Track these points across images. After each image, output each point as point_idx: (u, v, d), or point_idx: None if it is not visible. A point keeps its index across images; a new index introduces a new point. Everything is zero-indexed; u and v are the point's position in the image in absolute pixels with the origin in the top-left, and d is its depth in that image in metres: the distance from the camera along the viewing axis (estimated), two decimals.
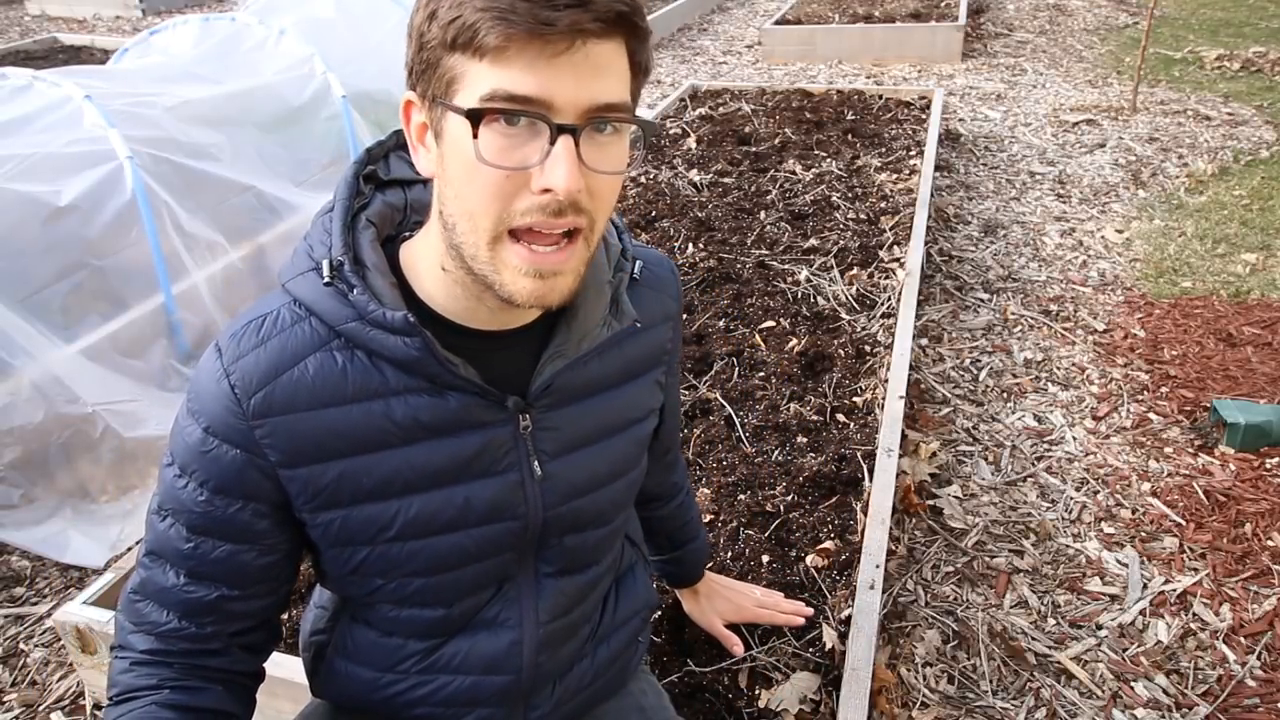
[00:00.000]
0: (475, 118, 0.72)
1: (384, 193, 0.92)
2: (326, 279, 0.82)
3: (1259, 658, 1.92)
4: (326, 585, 1.04)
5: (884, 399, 2.49)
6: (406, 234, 0.92)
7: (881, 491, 2.12)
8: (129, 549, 2.17)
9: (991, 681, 1.90)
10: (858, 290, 3.13)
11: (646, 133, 0.79)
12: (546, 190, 0.73)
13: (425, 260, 0.86)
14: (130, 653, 0.93)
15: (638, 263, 0.99)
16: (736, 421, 2.47)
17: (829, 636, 1.82)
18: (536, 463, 0.93)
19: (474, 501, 0.91)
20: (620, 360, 0.99)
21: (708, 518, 2.13)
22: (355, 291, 0.82)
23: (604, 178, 0.76)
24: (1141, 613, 2.05)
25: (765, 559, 2.04)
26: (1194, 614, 2.04)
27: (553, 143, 0.72)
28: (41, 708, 1.93)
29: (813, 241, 3.48)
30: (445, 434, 0.88)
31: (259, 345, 0.83)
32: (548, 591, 1.00)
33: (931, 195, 3.82)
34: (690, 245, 3.46)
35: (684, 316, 3.05)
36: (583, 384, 0.95)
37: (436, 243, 0.83)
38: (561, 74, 0.71)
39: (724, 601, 1.66)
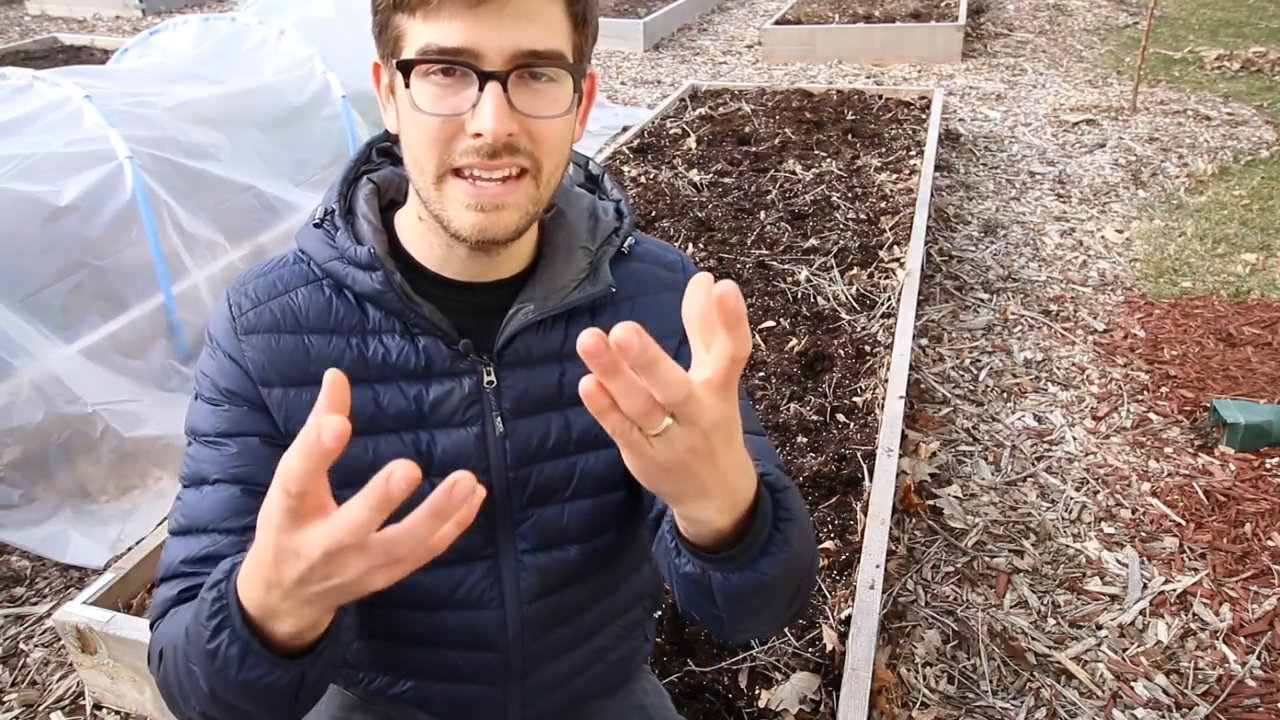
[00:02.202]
0: (405, 69, 0.78)
1: (400, 166, 0.97)
2: (316, 222, 0.92)
3: (1259, 658, 1.92)
4: None
5: (884, 399, 2.49)
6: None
7: (881, 491, 2.12)
8: (129, 549, 2.17)
9: (991, 681, 1.90)
10: (858, 290, 3.13)
11: (575, 77, 0.81)
12: (478, 134, 0.77)
13: (408, 213, 0.93)
14: (167, 609, 0.87)
15: (630, 239, 1.00)
16: None
17: (829, 636, 1.82)
18: (499, 419, 0.93)
19: (435, 449, 0.93)
20: (601, 328, 0.95)
21: None
22: (339, 234, 0.90)
23: (542, 122, 0.80)
24: (1141, 613, 2.05)
25: None
26: (1194, 614, 2.04)
27: (481, 90, 0.77)
28: (41, 708, 1.93)
29: (813, 241, 3.48)
30: (413, 378, 0.92)
31: (262, 274, 0.93)
32: (527, 569, 0.99)
33: (931, 195, 3.82)
34: (690, 245, 3.46)
35: None
36: (554, 346, 0.95)
37: (413, 194, 0.89)
38: (485, 23, 0.75)
39: None
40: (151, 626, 0.92)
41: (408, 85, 0.78)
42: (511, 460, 0.95)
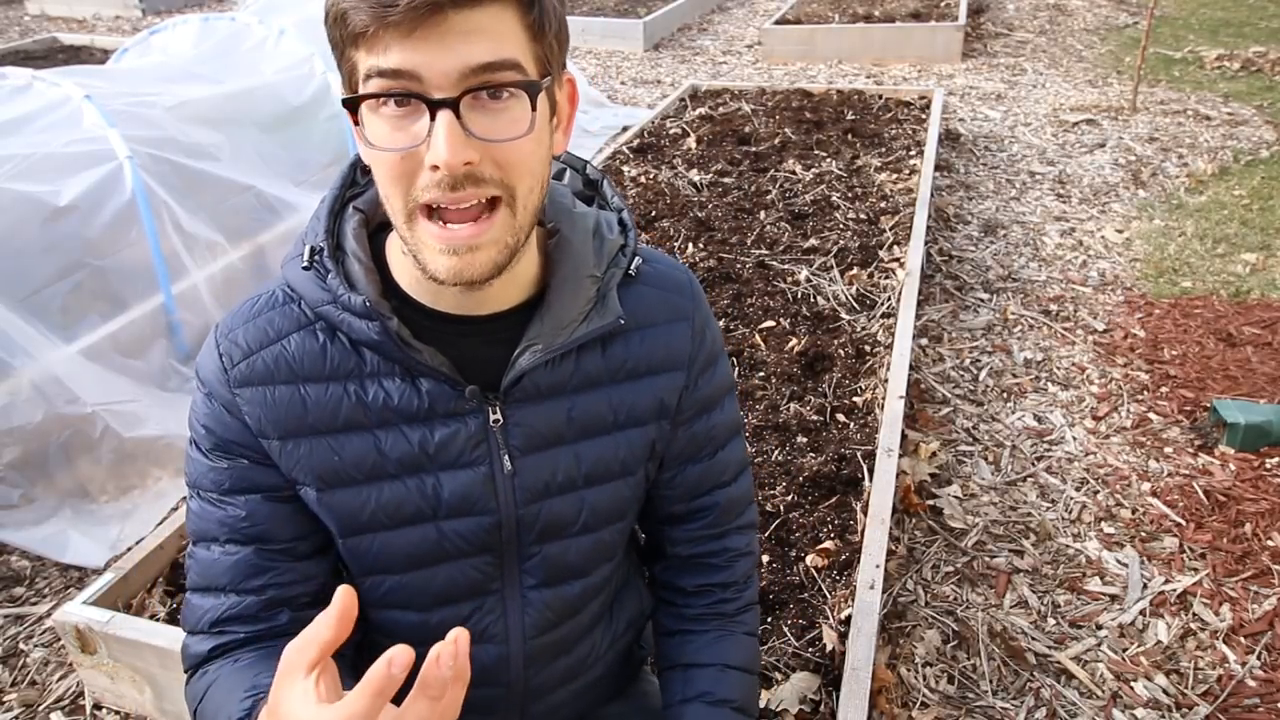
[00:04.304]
0: (352, 106, 0.74)
1: None
2: (305, 264, 0.86)
3: (1259, 658, 1.92)
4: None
5: (884, 399, 2.49)
6: None
7: (881, 491, 2.12)
8: (129, 549, 2.17)
9: (991, 681, 1.90)
10: (858, 290, 3.13)
11: (531, 94, 0.75)
12: (435, 167, 0.72)
13: (395, 245, 0.88)
14: (200, 665, 0.92)
15: (636, 259, 0.95)
16: None
17: (829, 636, 1.82)
18: (507, 457, 0.91)
19: (442, 492, 0.90)
20: (611, 359, 0.95)
21: None
22: (330, 276, 0.85)
23: (504, 145, 0.74)
24: (1141, 613, 2.05)
25: (765, 559, 2.04)
26: (1194, 614, 2.04)
27: (434, 119, 0.71)
28: (41, 708, 1.93)
29: (813, 241, 3.48)
30: (416, 421, 0.89)
31: (250, 320, 0.88)
32: (533, 605, 0.99)
33: (931, 195, 3.82)
34: (690, 245, 3.46)
35: None
36: (560, 381, 0.92)
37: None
38: (426, 48, 0.70)
39: None
40: (188, 677, 0.94)
41: (358, 123, 0.74)
42: (521, 497, 0.93)
